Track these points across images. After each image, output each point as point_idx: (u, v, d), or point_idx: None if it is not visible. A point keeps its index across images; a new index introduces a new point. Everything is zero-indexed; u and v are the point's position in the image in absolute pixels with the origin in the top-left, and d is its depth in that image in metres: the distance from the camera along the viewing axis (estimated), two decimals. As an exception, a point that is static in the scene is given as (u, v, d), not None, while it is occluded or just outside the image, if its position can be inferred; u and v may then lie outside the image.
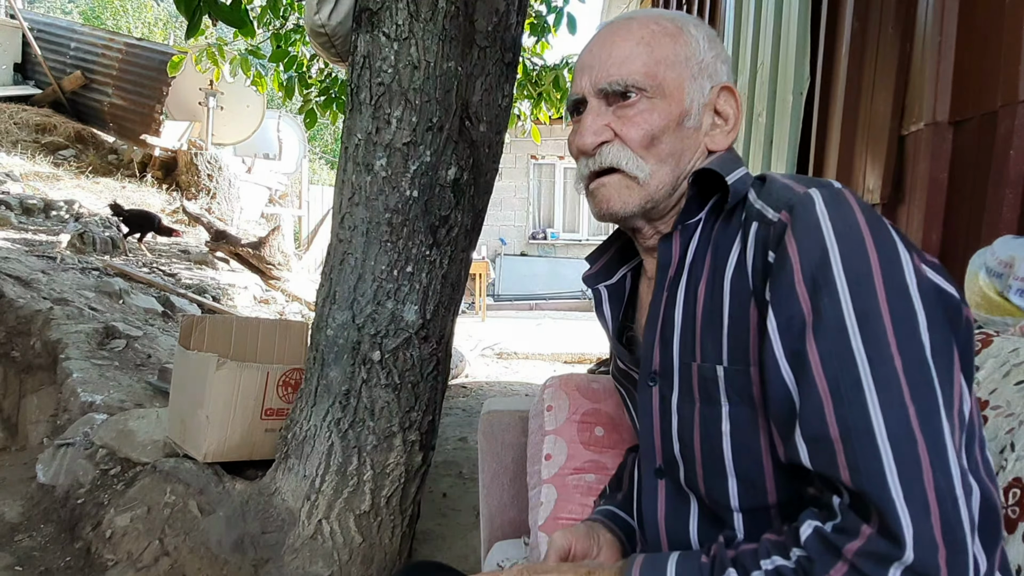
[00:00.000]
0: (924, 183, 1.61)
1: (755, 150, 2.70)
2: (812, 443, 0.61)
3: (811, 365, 0.62)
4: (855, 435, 0.58)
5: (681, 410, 0.77)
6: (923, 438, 0.56)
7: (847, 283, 0.62)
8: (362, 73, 1.61)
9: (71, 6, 20.37)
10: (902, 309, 0.61)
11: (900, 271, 0.62)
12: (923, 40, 1.66)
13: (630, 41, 0.79)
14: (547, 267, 11.02)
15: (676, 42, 0.79)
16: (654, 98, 0.77)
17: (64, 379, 2.78)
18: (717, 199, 0.79)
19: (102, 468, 2.07)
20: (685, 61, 0.79)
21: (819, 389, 0.61)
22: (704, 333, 0.74)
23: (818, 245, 0.63)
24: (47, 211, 5.22)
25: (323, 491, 1.70)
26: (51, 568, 1.85)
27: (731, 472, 0.73)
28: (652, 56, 0.78)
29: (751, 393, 0.70)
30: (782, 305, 0.65)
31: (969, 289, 1.14)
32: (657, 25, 0.80)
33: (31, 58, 7.84)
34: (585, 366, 5.36)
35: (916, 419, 0.57)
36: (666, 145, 0.78)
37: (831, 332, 0.61)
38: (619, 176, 0.79)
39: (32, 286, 3.44)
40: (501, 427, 1.42)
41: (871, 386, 0.59)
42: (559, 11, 4.10)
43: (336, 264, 1.70)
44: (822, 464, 0.60)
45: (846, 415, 0.59)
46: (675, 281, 0.79)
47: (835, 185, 0.68)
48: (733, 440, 0.72)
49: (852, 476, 0.57)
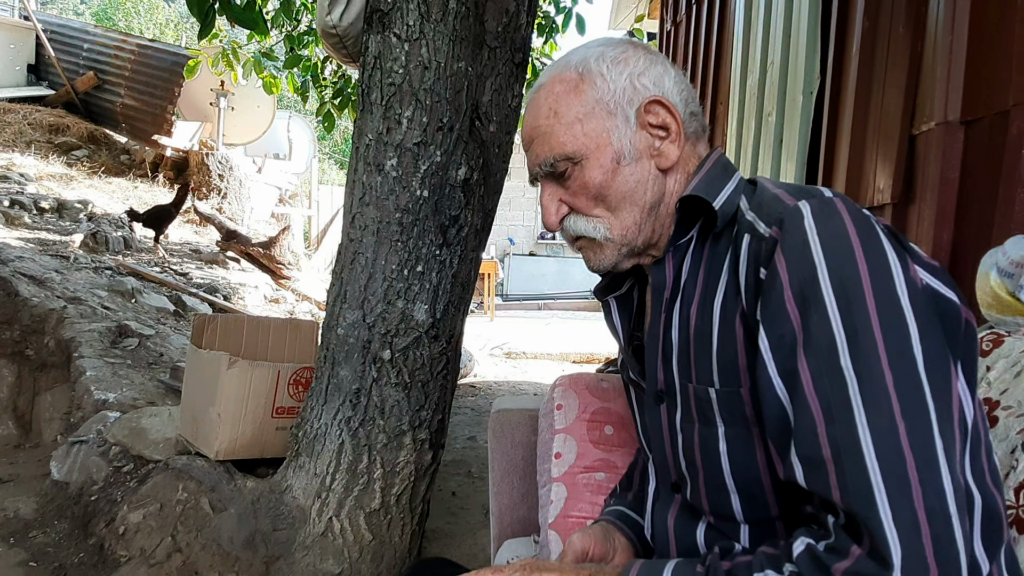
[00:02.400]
0: (935, 183, 1.60)
1: (765, 150, 2.69)
2: (807, 463, 0.60)
3: (803, 384, 0.61)
4: (845, 456, 0.57)
5: (684, 430, 0.78)
6: (912, 456, 0.56)
7: (835, 299, 0.61)
8: (373, 73, 1.62)
9: (83, 7, 20.53)
10: (892, 322, 0.60)
11: (890, 282, 0.61)
12: (934, 39, 1.65)
13: (541, 116, 0.79)
14: (556, 267, 11.02)
15: (580, 94, 0.78)
16: (582, 161, 0.78)
17: (78, 377, 2.81)
18: (706, 219, 0.78)
19: (115, 465, 2.10)
20: (595, 106, 0.77)
21: (812, 409, 0.60)
22: (697, 354, 0.75)
23: (806, 261, 0.63)
24: (60, 211, 5.26)
25: (334, 489, 1.71)
26: (65, 564, 1.87)
27: (732, 489, 0.73)
28: (562, 122, 0.78)
29: (744, 413, 0.71)
30: (774, 324, 0.65)
31: (980, 289, 1.13)
32: (560, 83, 0.79)
33: (44, 59, 7.92)
34: (594, 366, 5.36)
35: (906, 437, 0.56)
36: (613, 195, 0.78)
37: (821, 350, 0.61)
38: (585, 240, 0.82)
39: (46, 285, 3.47)
40: (511, 426, 1.42)
41: (860, 405, 0.58)
42: (568, 11, 4.10)
43: (347, 263, 1.71)
44: (817, 484, 0.60)
45: (837, 435, 0.58)
46: (671, 302, 0.79)
47: (826, 194, 0.67)
48: (731, 459, 0.72)
49: (843, 497, 0.57)
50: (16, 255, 3.79)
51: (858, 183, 1.96)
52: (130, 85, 7.58)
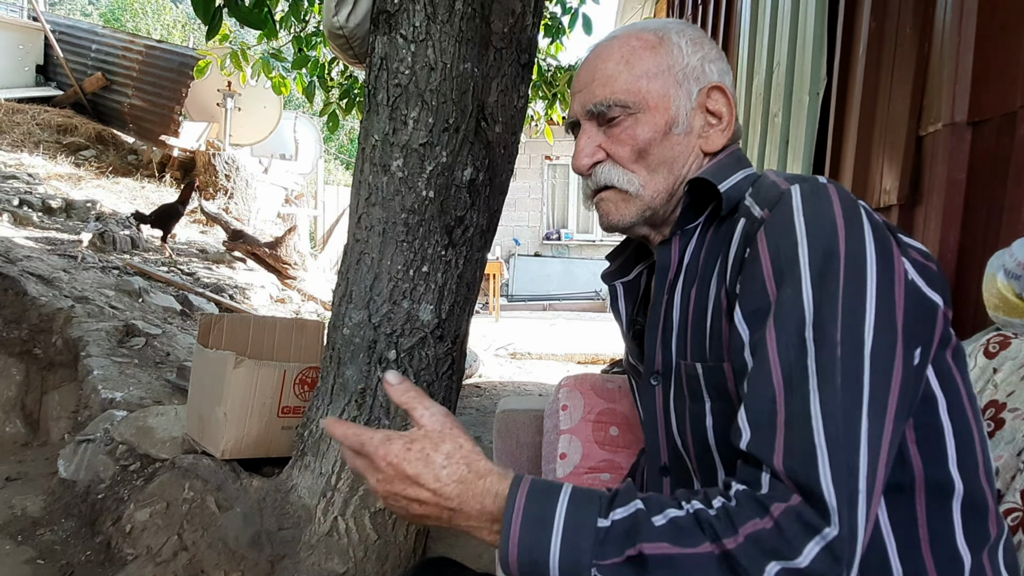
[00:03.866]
0: (942, 184, 1.59)
1: (771, 150, 2.69)
2: (755, 426, 0.62)
3: (768, 352, 0.63)
4: (798, 422, 0.59)
5: (676, 407, 0.80)
6: (844, 424, 0.58)
7: (810, 274, 0.63)
8: (379, 74, 1.63)
9: (91, 8, 20.64)
10: (855, 303, 0.62)
11: (863, 264, 0.63)
12: (941, 40, 1.65)
13: (611, 61, 0.82)
14: (561, 268, 11.01)
15: (657, 53, 0.81)
16: (637, 113, 0.80)
17: (85, 376, 2.82)
18: (716, 204, 0.80)
19: (122, 464, 2.11)
20: (667, 70, 0.81)
21: (773, 376, 0.62)
22: (692, 334, 0.77)
23: (788, 238, 0.65)
24: (68, 211, 5.29)
25: (339, 488, 1.71)
26: (72, 562, 1.88)
27: (719, 465, 0.75)
28: (632, 72, 0.80)
29: (727, 388, 0.72)
30: (750, 297, 0.67)
31: (987, 291, 1.13)
32: (638, 40, 0.82)
33: (53, 60, 7.97)
34: (599, 367, 5.35)
35: (841, 408, 0.59)
36: (655, 156, 0.81)
37: (789, 322, 0.63)
38: (614, 191, 0.83)
39: (54, 284, 3.49)
40: (516, 426, 1.43)
41: (814, 375, 0.60)
42: (574, 12, 4.10)
43: (353, 264, 1.71)
44: (758, 447, 0.61)
45: (793, 403, 0.60)
46: (673, 284, 0.82)
47: (820, 180, 0.69)
48: (715, 434, 0.74)
49: (786, 458, 0.59)
50: (24, 254, 3.81)
51: (864, 184, 1.96)
52: (138, 86, 7.62)
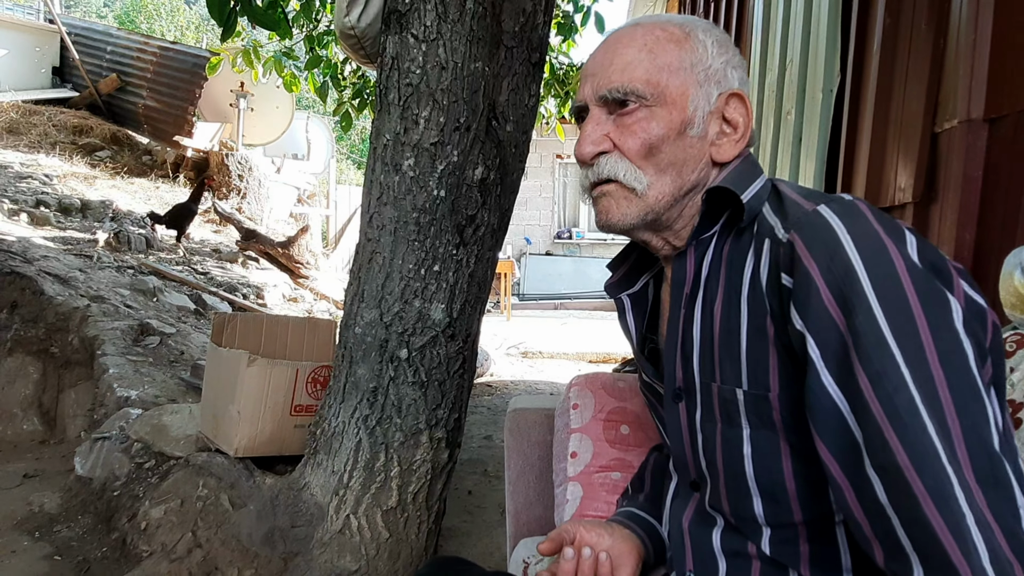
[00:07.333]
0: (958, 181, 1.58)
1: (784, 148, 2.67)
2: (882, 472, 0.58)
3: (863, 390, 0.59)
4: (924, 459, 0.55)
5: (704, 429, 0.77)
6: (967, 453, 0.55)
7: (878, 297, 0.59)
8: (391, 74, 1.63)
9: (106, 10, 20.83)
10: (938, 319, 0.59)
11: (927, 277, 0.61)
12: (957, 36, 1.63)
13: (633, 47, 0.76)
14: (572, 266, 10.99)
15: (681, 48, 0.76)
16: (654, 106, 0.75)
17: (101, 375, 2.86)
18: (731, 213, 0.77)
19: (137, 461, 2.13)
20: (690, 67, 0.76)
21: (875, 415, 0.58)
22: (722, 354, 0.73)
23: (840, 262, 0.61)
24: (84, 211, 5.35)
25: (351, 486, 1.72)
26: (88, 558, 1.91)
27: (755, 492, 0.72)
28: (654, 63, 0.75)
29: (772, 417, 0.69)
30: (818, 330, 0.62)
31: (1004, 289, 1.12)
32: (663, 31, 0.77)
33: (69, 62, 8.05)
34: (610, 366, 5.34)
35: (961, 435, 0.56)
36: (666, 155, 0.76)
37: (874, 353, 0.59)
38: (617, 186, 0.77)
39: (70, 284, 3.53)
40: (527, 425, 1.43)
41: (922, 406, 0.56)
42: (586, 10, 4.09)
43: (364, 263, 1.72)
44: (897, 498, 0.57)
45: (911, 439, 0.56)
46: (691, 298, 0.78)
47: (847, 198, 0.66)
48: (755, 463, 0.71)
49: (928, 509, 0.55)
50: (41, 254, 3.86)
51: (879, 182, 1.94)
52: (152, 87, 7.69)
